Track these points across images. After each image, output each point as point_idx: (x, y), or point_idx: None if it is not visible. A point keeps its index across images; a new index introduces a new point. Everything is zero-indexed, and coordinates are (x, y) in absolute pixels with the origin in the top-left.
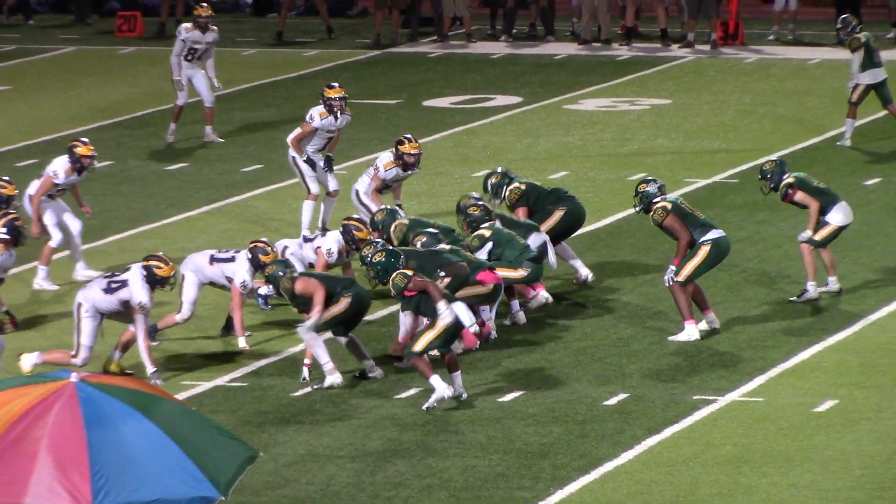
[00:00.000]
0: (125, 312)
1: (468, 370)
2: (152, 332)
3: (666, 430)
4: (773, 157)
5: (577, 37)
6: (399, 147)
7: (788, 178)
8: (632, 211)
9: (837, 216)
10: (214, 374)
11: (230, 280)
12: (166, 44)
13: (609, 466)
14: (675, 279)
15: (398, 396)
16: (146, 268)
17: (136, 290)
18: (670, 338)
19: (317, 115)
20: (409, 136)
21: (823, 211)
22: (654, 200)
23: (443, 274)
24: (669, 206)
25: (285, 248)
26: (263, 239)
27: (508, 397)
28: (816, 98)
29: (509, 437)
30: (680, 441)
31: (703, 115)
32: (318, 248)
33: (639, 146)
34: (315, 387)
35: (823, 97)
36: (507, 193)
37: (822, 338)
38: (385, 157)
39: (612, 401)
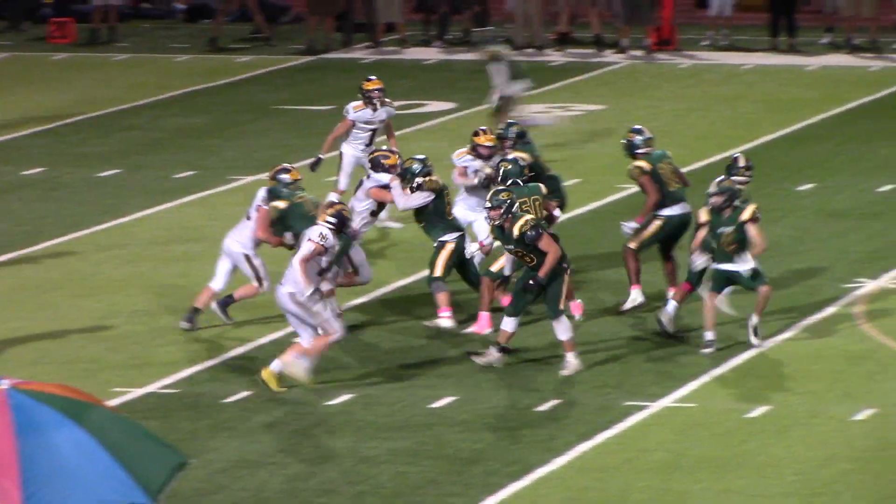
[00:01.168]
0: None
1: (399, 378)
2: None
3: (598, 435)
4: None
5: (511, 42)
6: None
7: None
8: (568, 215)
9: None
10: (146, 380)
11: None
12: (99, 50)
13: (541, 472)
14: (628, 245)
15: (328, 403)
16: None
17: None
18: (623, 308)
19: (351, 108)
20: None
21: None
22: (637, 153)
23: None
24: (648, 167)
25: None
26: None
27: (439, 403)
28: (749, 103)
29: (440, 444)
30: (612, 447)
31: (636, 120)
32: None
33: (573, 152)
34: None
35: (756, 102)
36: None
37: (767, 335)
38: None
39: (545, 406)
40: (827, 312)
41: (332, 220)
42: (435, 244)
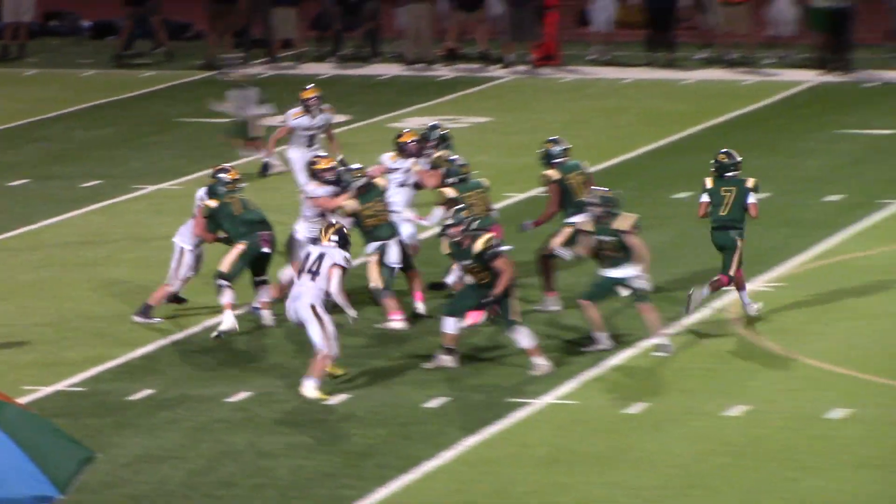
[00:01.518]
0: None
1: (295, 376)
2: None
3: (483, 430)
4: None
5: (402, 57)
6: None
7: None
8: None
9: None
10: (55, 379)
11: None
12: (10, 66)
13: (429, 466)
14: (543, 252)
15: (228, 400)
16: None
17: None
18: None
19: (291, 115)
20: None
21: None
22: (553, 162)
23: None
24: (557, 176)
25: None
26: None
27: (335, 400)
28: (629, 116)
29: (335, 439)
30: (496, 441)
31: (521, 132)
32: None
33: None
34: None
35: (636, 115)
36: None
37: (633, 343)
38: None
39: (433, 403)
40: (702, 314)
41: (336, 238)
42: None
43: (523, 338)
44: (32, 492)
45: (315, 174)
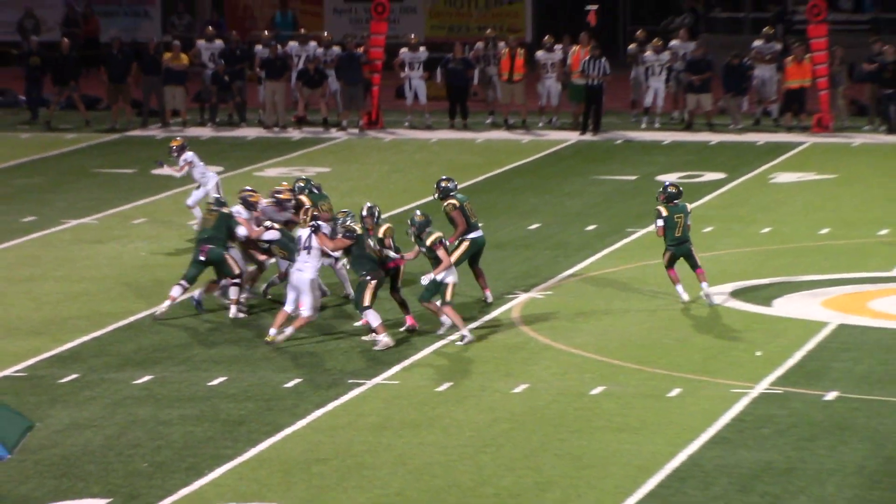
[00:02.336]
0: None
1: (184, 363)
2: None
3: (329, 404)
4: (418, 211)
5: (263, 123)
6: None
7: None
8: None
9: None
10: (1, 367)
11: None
12: None
13: (287, 431)
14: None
15: (135, 382)
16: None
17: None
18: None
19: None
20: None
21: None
22: (451, 194)
23: None
24: (458, 203)
25: None
26: None
27: (214, 382)
28: (435, 167)
29: (216, 411)
30: (339, 412)
31: (353, 179)
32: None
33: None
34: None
35: (441, 166)
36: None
37: (444, 336)
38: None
39: (290, 384)
40: (493, 315)
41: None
42: (360, 278)
43: (373, 318)
44: None
45: (246, 202)
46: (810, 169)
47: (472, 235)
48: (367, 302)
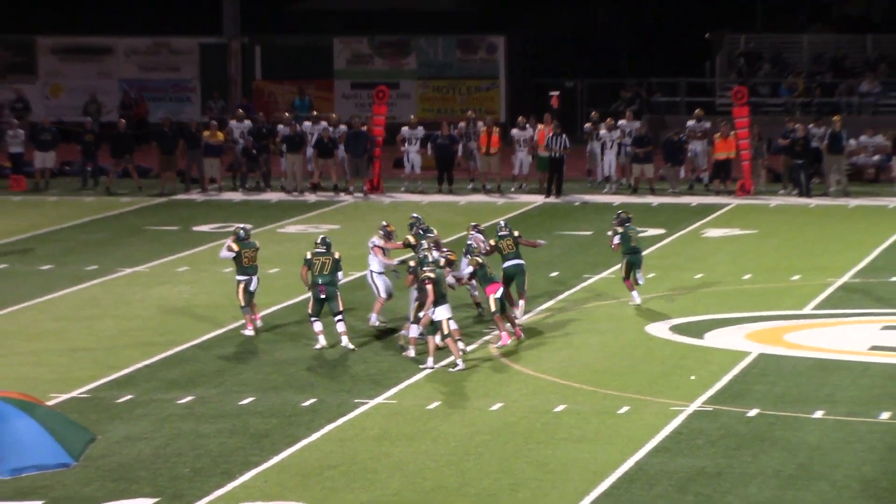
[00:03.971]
0: None
1: (222, 386)
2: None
3: (339, 420)
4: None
5: (284, 189)
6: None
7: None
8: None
9: None
10: (69, 389)
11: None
12: (39, 195)
13: (305, 442)
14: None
15: (179, 402)
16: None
17: None
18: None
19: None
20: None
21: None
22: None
23: None
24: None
25: None
26: None
27: (245, 401)
28: (427, 224)
29: (245, 426)
30: (346, 426)
31: (359, 234)
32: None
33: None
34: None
35: (431, 223)
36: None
37: (440, 360)
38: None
39: (307, 403)
40: (474, 346)
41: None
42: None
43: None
44: (57, 460)
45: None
46: (735, 225)
47: (505, 265)
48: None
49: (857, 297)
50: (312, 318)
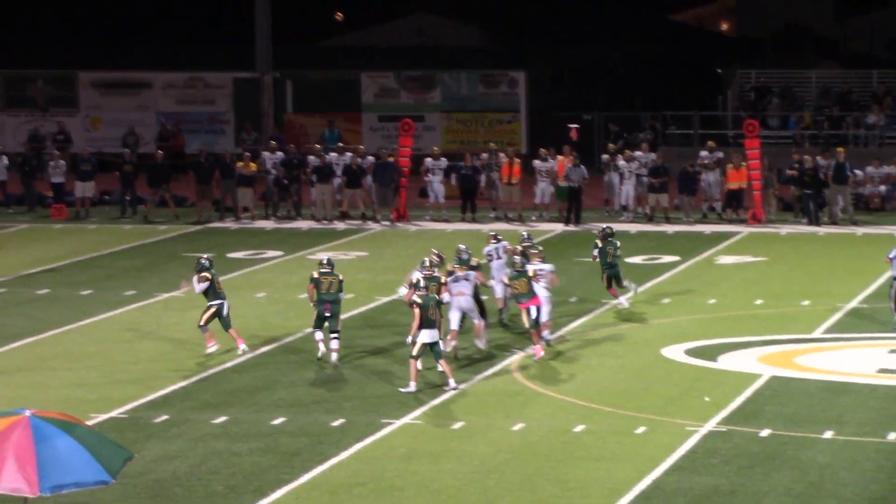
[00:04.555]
0: None
1: (253, 407)
2: None
3: (367, 439)
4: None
5: (314, 217)
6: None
7: None
8: (360, 309)
9: None
10: (108, 409)
11: None
12: (79, 223)
13: (334, 461)
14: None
15: (213, 422)
16: None
17: None
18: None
19: None
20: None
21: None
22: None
23: None
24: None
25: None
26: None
27: (276, 421)
28: (451, 251)
29: (277, 445)
30: (374, 446)
31: (386, 260)
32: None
33: (350, 276)
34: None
35: (455, 251)
36: None
37: (465, 380)
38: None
39: (336, 423)
40: (496, 368)
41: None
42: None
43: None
44: (95, 478)
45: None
46: (747, 253)
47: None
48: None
49: (864, 322)
50: (314, 330)
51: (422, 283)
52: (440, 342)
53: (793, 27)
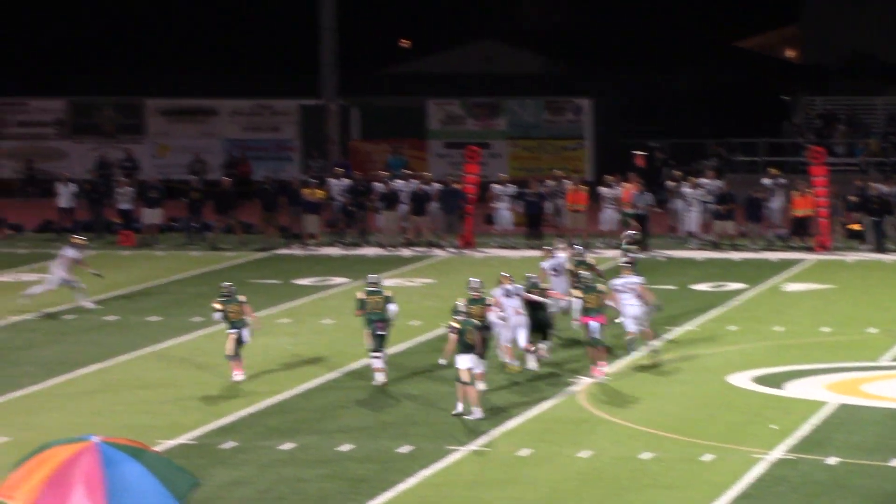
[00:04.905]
0: None
1: (321, 433)
2: None
3: (433, 465)
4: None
5: (380, 244)
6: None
7: None
8: (418, 340)
9: None
10: (176, 435)
11: None
12: (147, 249)
13: (401, 487)
14: None
15: (280, 448)
16: None
17: None
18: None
19: None
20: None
21: None
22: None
23: None
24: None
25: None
26: None
27: (343, 448)
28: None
29: (344, 471)
30: (441, 472)
31: (451, 287)
32: None
33: (417, 303)
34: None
35: (518, 276)
36: None
37: (531, 406)
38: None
39: (403, 449)
40: (563, 396)
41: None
42: None
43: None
44: (162, 503)
45: None
46: (814, 280)
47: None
48: None
49: None
50: (372, 354)
51: (461, 308)
52: (478, 365)
53: (859, 54)
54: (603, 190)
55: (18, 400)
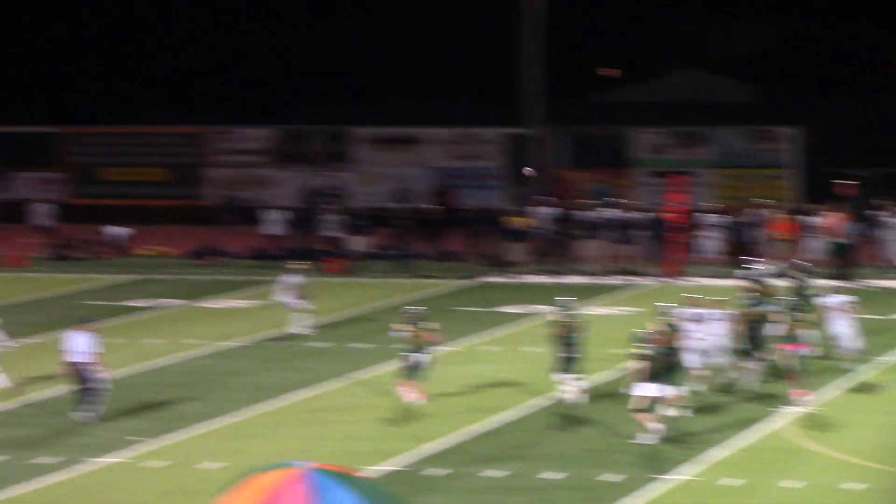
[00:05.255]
0: None
1: (522, 460)
2: None
3: (644, 494)
4: None
5: (584, 272)
6: None
7: None
8: None
9: None
10: (383, 460)
11: None
12: (355, 276)
13: None
14: None
15: (492, 475)
16: None
17: None
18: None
19: None
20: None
21: None
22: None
23: None
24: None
25: None
26: None
27: (551, 475)
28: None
29: (552, 498)
30: (651, 502)
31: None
32: None
33: (625, 333)
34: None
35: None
36: None
37: (732, 435)
38: None
39: (615, 478)
40: (776, 427)
41: None
42: None
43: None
44: None
45: None
46: None
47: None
48: None
49: None
50: (560, 375)
51: (646, 335)
52: (667, 391)
53: None
54: (808, 219)
55: (229, 427)
